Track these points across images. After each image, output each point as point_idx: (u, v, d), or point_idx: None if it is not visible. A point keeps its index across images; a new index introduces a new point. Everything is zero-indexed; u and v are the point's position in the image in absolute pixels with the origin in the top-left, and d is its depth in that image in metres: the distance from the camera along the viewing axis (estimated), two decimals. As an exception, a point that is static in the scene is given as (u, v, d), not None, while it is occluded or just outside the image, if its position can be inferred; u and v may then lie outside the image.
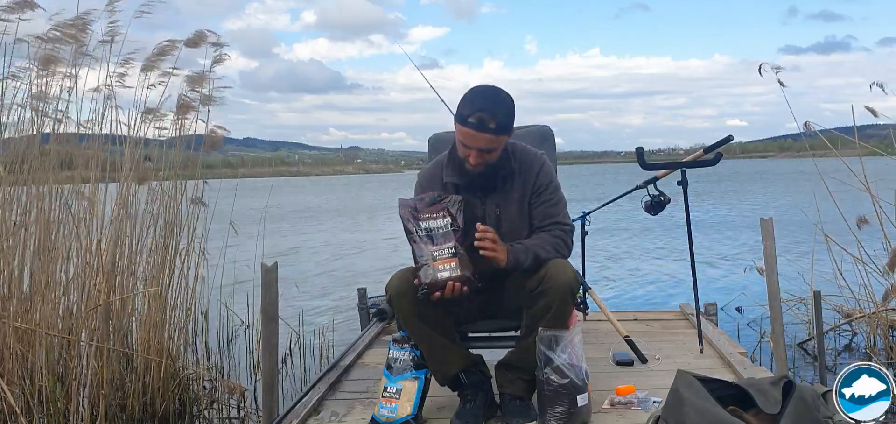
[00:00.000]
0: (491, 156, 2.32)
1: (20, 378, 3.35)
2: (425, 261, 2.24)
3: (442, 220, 2.29)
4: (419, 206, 2.32)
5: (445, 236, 2.27)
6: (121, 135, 4.14)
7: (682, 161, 3.37)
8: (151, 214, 4.09)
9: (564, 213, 2.46)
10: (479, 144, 2.27)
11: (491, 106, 2.26)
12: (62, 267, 3.77)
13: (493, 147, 2.30)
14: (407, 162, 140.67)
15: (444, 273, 2.21)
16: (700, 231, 11.57)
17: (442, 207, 2.31)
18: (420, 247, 2.27)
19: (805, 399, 1.92)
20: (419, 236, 2.28)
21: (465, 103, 2.28)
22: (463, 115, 2.27)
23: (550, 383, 2.26)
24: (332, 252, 11.70)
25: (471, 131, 2.25)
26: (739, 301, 6.03)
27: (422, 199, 2.34)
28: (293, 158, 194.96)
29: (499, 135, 2.28)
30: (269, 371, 2.73)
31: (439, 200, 2.33)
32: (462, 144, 2.31)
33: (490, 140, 2.27)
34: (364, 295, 4.12)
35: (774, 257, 3.02)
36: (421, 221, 2.30)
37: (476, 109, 2.25)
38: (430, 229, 2.28)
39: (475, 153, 2.29)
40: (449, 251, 2.24)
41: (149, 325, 3.83)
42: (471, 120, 2.24)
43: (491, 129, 2.25)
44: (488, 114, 2.24)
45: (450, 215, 2.30)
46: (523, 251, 2.32)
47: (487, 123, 2.24)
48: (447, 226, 2.28)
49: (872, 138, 5.04)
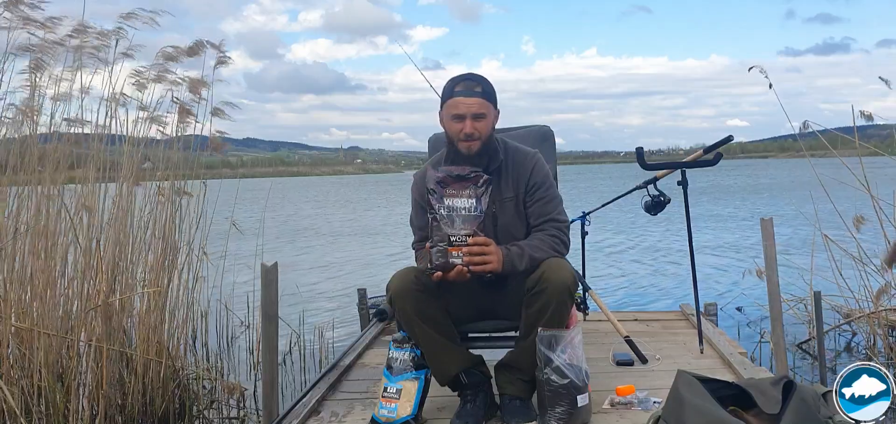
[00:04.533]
0: (483, 125, 2.35)
1: (19, 378, 3.34)
2: (439, 241, 2.20)
3: (466, 201, 2.24)
4: (447, 179, 2.26)
5: (465, 221, 2.22)
6: (120, 135, 4.14)
7: (682, 161, 3.37)
8: (151, 214, 4.09)
9: (560, 210, 2.46)
10: (472, 109, 2.33)
11: (472, 76, 2.40)
12: (61, 267, 3.76)
13: (483, 112, 2.34)
14: (407, 162, 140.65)
15: (455, 260, 2.20)
16: (700, 231, 11.58)
17: (471, 183, 2.26)
18: (439, 226, 2.21)
19: (805, 399, 1.92)
20: (441, 214, 2.22)
21: (448, 84, 2.40)
22: (449, 89, 2.37)
23: (550, 383, 2.26)
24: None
25: (461, 99, 2.34)
26: (739, 301, 6.04)
27: (450, 171, 2.28)
28: (293, 158, 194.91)
29: (486, 100, 2.35)
30: (269, 371, 2.73)
31: (468, 178, 2.26)
32: (455, 118, 2.34)
33: (480, 104, 2.34)
34: (364, 295, 4.12)
35: (774, 257, 3.02)
36: (445, 197, 2.24)
37: (460, 80, 2.38)
38: (453, 209, 2.23)
39: (469, 122, 2.32)
40: (465, 238, 2.21)
41: (148, 325, 3.83)
42: (458, 88, 2.35)
43: (478, 92, 2.35)
44: (472, 80, 2.37)
45: (476, 195, 2.25)
46: (519, 255, 2.31)
47: (474, 87, 2.36)
48: (470, 209, 2.24)
49: (872, 139, 5.04)
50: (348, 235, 15.24)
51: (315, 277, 9.14)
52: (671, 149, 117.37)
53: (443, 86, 2.43)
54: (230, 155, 6.89)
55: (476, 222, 2.24)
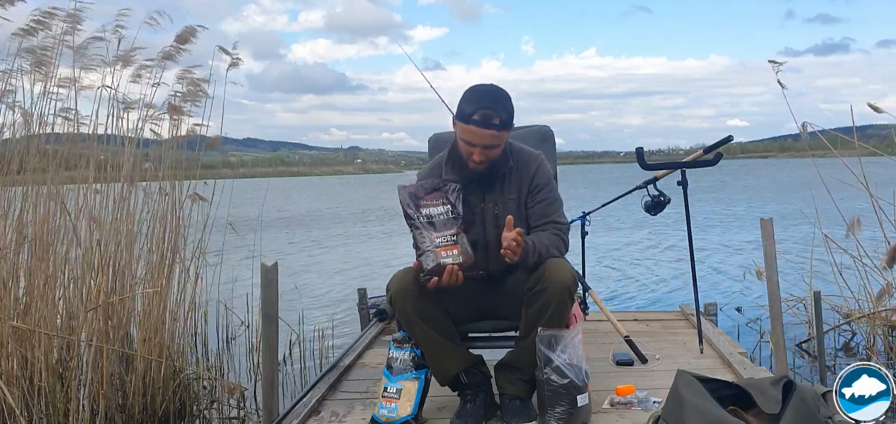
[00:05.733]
0: (494, 152, 2.33)
1: (19, 378, 3.34)
2: (428, 248, 2.25)
3: (442, 207, 2.29)
4: (419, 192, 2.32)
5: (446, 224, 2.27)
6: (120, 135, 4.14)
7: (682, 161, 3.37)
8: (151, 213, 4.08)
9: (560, 212, 2.46)
10: (484, 141, 2.28)
11: (494, 103, 2.28)
12: (61, 267, 3.76)
13: (496, 143, 2.31)
14: (407, 162, 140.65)
15: (446, 260, 2.23)
16: (700, 231, 11.57)
17: (442, 194, 2.31)
18: (422, 233, 2.27)
19: (805, 399, 1.91)
20: (420, 222, 2.28)
21: (467, 101, 2.29)
22: (466, 113, 2.27)
23: (550, 383, 2.26)
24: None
25: (475, 129, 2.26)
26: (739, 301, 6.04)
27: (422, 185, 2.34)
28: (293, 157, 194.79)
29: (502, 131, 2.30)
30: (269, 371, 2.73)
31: (439, 188, 2.33)
32: (465, 143, 2.31)
33: (494, 137, 2.28)
34: (364, 295, 4.12)
35: (774, 257, 3.02)
36: (421, 207, 2.30)
37: (479, 106, 2.26)
38: (431, 216, 2.29)
39: (479, 150, 2.29)
40: (451, 238, 2.25)
41: (149, 325, 3.83)
42: (475, 117, 2.25)
43: (495, 125, 2.26)
44: (492, 110, 2.26)
45: (449, 202, 2.30)
46: (532, 250, 2.31)
47: (492, 119, 2.25)
48: (447, 213, 2.29)
49: (872, 139, 5.03)
50: (348, 236, 15.24)
51: (315, 277, 9.14)
52: (671, 149, 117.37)
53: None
54: (230, 155, 6.90)
55: (456, 223, 2.28)
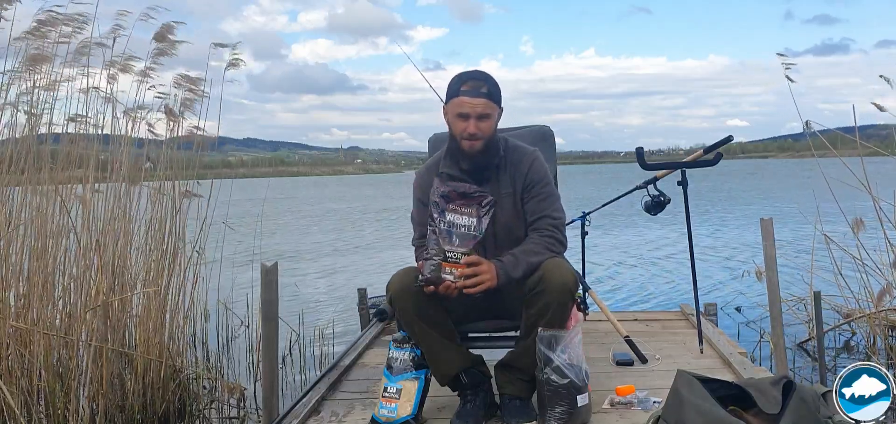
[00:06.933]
0: (487, 125, 2.35)
1: (19, 378, 3.34)
2: (434, 254, 2.24)
3: (468, 219, 2.28)
4: (452, 194, 2.30)
5: (463, 240, 2.26)
6: (118, 135, 4.13)
7: (682, 161, 3.37)
8: (151, 213, 4.08)
9: (555, 207, 2.46)
10: (477, 110, 2.32)
11: (479, 75, 2.38)
12: (60, 267, 3.76)
13: (488, 112, 2.34)
14: (407, 162, 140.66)
15: (447, 276, 2.22)
16: (700, 231, 11.57)
17: (475, 202, 2.30)
18: (436, 238, 2.26)
19: (805, 399, 1.91)
20: (440, 228, 2.27)
21: (454, 81, 2.39)
22: (454, 88, 2.36)
23: (550, 383, 2.26)
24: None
25: (467, 99, 2.33)
26: (739, 301, 6.03)
27: (455, 187, 2.32)
28: (293, 157, 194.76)
29: (492, 101, 2.35)
30: (269, 371, 2.73)
31: (473, 195, 2.30)
32: (459, 117, 2.34)
33: (486, 104, 2.34)
34: (364, 295, 4.12)
35: (774, 257, 3.02)
36: (447, 212, 2.28)
37: (467, 78, 2.36)
38: (452, 225, 2.27)
39: (473, 122, 2.32)
40: (460, 255, 2.24)
41: (148, 325, 3.83)
42: (465, 88, 2.34)
43: (484, 92, 2.34)
44: (478, 79, 2.36)
45: (477, 215, 2.28)
46: (513, 264, 2.30)
47: (480, 88, 2.34)
48: (470, 228, 2.27)
49: (873, 138, 5.03)
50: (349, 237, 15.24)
51: (315, 276, 9.15)
52: (671, 149, 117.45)
53: (445, 84, 2.43)
54: (230, 155, 6.90)
55: (473, 241, 2.27)
